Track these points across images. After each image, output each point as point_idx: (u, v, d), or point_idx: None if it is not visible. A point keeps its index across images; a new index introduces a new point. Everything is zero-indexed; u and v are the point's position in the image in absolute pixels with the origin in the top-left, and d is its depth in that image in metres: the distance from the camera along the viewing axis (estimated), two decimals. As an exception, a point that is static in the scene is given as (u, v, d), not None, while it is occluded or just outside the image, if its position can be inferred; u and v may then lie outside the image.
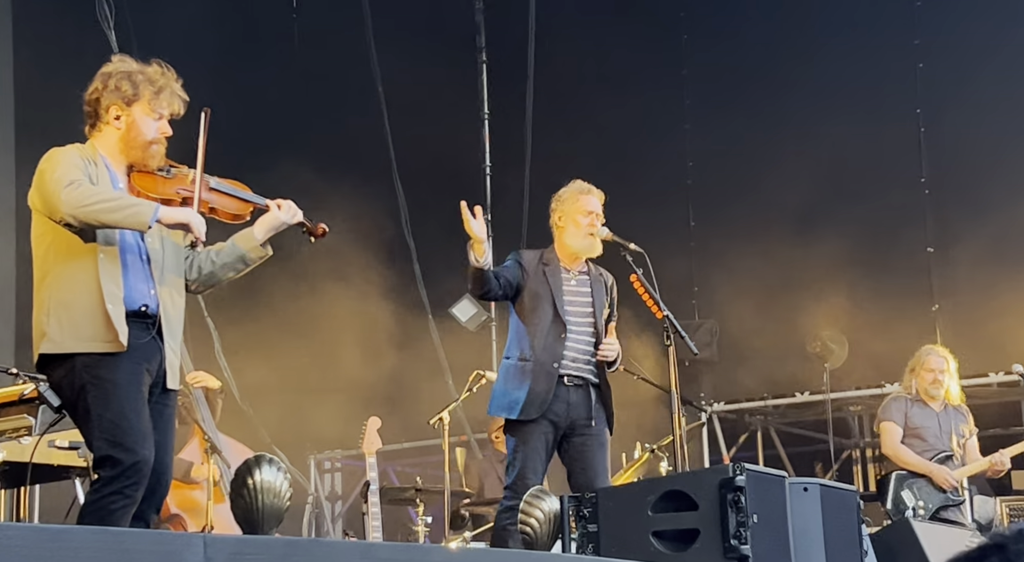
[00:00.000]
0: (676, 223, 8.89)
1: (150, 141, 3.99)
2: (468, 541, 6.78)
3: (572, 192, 5.54)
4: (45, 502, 5.55)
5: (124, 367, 3.81)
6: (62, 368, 3.83)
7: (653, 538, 4.36)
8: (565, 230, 5.50)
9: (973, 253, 8.03)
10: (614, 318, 5.56)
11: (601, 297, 5.49)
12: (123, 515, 3.72)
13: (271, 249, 4.18)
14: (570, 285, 5.48)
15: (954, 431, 6.81)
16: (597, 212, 5.50)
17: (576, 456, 5.36)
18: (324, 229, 4.22)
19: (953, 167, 8.21)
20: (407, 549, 3.98)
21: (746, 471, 4.27)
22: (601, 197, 5.56)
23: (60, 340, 3.81)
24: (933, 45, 8.41)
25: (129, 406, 3.78)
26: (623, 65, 9.09)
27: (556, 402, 5.33)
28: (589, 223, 5.46)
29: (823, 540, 4.51)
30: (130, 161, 4.01)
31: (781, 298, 8.34)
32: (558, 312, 5.38)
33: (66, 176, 3.79)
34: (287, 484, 3.64)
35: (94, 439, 3.78)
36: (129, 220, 3.77)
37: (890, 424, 6.88)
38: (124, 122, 3.97)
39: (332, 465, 10.35)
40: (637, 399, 7.44)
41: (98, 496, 3.72)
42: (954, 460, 6.74)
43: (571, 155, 9.03)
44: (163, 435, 3.92)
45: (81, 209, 3.74)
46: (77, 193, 3.75)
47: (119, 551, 2.62)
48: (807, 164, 8.41)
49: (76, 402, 3.82)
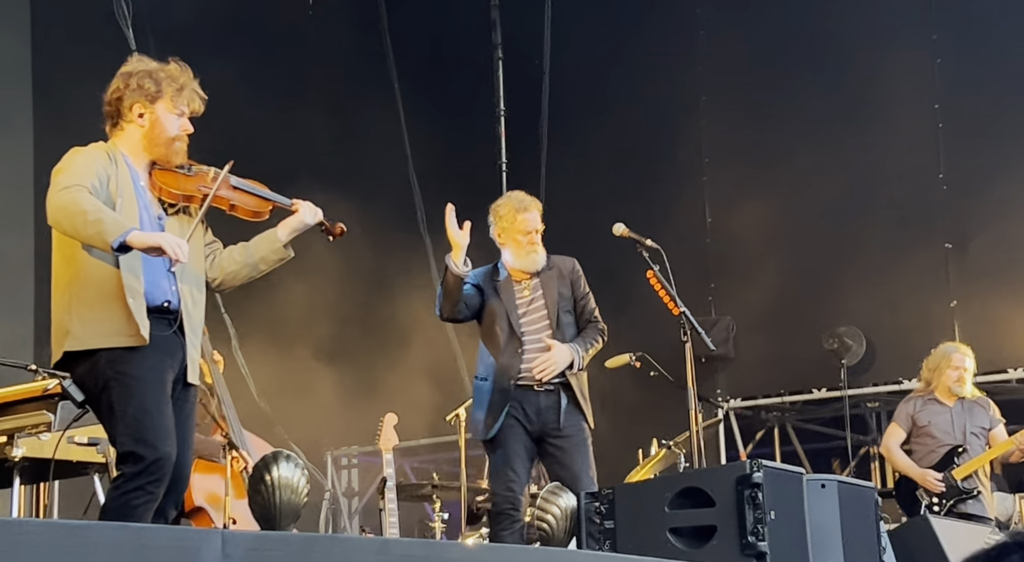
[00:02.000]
0: (693, 219, 8.87)
1: (173, 138, 4.02)
2: (485, 537, 6.78)
3: (509, 209, 5.45)
4: (64, 498, 5.58)
5: (147, 363, 3.83)
6: (86, 364, 3.85)
7: (670, 535, 4.36)
8: (506, 248, 5.47)
9: (991, 249, 8.00)
10: (588, 300, 5.46)
11: (553, 294, 5.40)
12: (145, 511, 3.74)
13: (292, 251, 4.20)
14: (523, 296, 5.44)
15: (969, 424, 6.78)
16: (537, 228, 5.43)
17: (553, 460, 5.36)
18: (343, 228, 4.27)
19: (971, 163, 8.17)
20: (424, 545, 3.98)
21: (763, 468, 4.26)
22: (540, 209, 5.47)
23: (83, 337, 3.83)
24: (950, 41, 8.37)
25: (152, 402, 3.80)
26: (639, 61, 9.07)
27: (526, 406, 5.32)
28: (529, 241, 5.40)
29: (841, 537, 4.50)
30: (153, 158, 4.04)
31: (798, 294, 8.32)
32: (514, 329, 5.37)
33: (69, 179, 3.81)
34: (304, 480, 3.66)
35: (118, 435, 3.80)
36: (95, 238, 3.71)
37: (892, 426, 6.98)
38: (148, 120, 4.00)
39: (349, 461, 10.37)
40: (654, 395, 7.43)
41: (120, 492, 3.74)
42: (968, 453, 6.71)
43: (587, 151, 9.03)
44: (183, 431, 3.94)
45: (60, 211, 3.75)
46: (68, 196, 3.75)
47: (137, 546, 2.63)
48: (823, 161, 8.38)
49: (99, 398, 3.83)
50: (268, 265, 4.21)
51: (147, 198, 4.00)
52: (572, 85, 9.34)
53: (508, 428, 5.30)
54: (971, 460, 6.68)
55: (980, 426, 6.80)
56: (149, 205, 4.00)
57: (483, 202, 5.69)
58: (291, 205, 4.22)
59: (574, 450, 5.30)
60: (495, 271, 5.49)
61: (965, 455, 6.69)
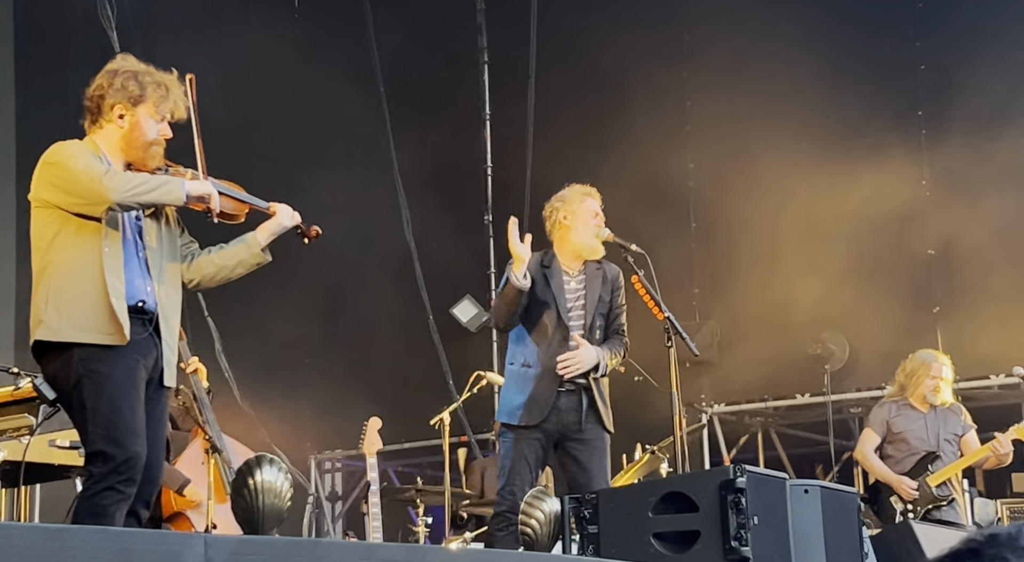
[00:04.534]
0: (677, 224, 8.88)
1: (151, 142, 4.01)
2: (468, 542, 6.78)
3: (577, 193, 5.53)
4: (46, 501, 5.56)
5: (121, 362, 3.81)
6: (59, 360, 3.83)
7: (654, 539, 4.36)
8: (572, 229, 5.47)
9: (973, 255, 8.03)
10: (621, 309, 5.53)
11: (595, 295, 5.45)
12: (117, 511, 3.73)
13: (270, 255, 4.19)
14: (570, 287, 5.46)
15: (943, 430, 6.79)
16: (602, 214, 5.52)
17: (571, 461, 5.37)
18: (318, 231, 4.27)
19: (954, 169, 8.20)
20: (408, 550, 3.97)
21: (747, 473, 4.27)
22: (600, 201, 5.57)
23: (57, 327, 3.81)
24: (935, 47, 8.40)
25: (124, 401, 3.78)
26: (624, 65, 9.08)
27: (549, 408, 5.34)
28: (596, 224, 5.47)
29: (824, 542, 4.51)
30: (129, 160, 4.02)
31: (782, 299, 8.33)
32: (561, 317, 5.38)
33: (94, 166, 3.85)
34: (288, 484, 3.64)
35: (88, 433, 3.78)
36: (166, 196, 3.91)
37: (867, 430, 6.98)
38: (128, 122, 3.99)
39: (332, 465, 10.35)
40: (637, 400, 7.43)
41: (92, 492, 3.73)
42: (943, 460, 6.73)
43: (572, 155, 9.02)
44: (155, 431, 3.93)
45: (126, 193, 3.82)
46: (118, 179, 3.84)
47: (119, 551, 2.62)
48: (808, 166, 8.40)
49: (71, 395, 3.82)
50: (246, 268, 4.21)
51: None
52: (557, 89, 9.34)
53: (528, 439, 5.30)
54: (945, 467, 6.70)
55: (953, 433, 6.81)
56: None
57: (468, 205, 5.68)
58: (268, 208, 4.21)
59: (594, 453, 5.34)
60: (546, 257, 5.49)
61: (939, 462, 6.71)
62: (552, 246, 5.56)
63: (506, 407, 5.39)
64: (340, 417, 9.07)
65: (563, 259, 5.50)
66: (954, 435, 6.80)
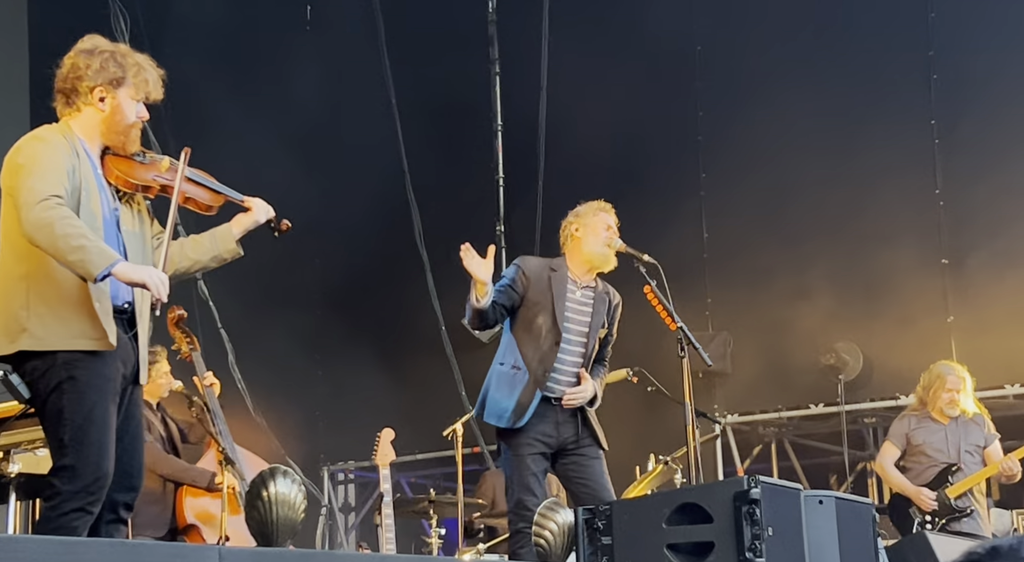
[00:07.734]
0: (690, 234, 8.87)
1: (131, 125, 3.87)
2: (481, 553, 6.77)
3: (592, 207, 5.55)
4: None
5: (105, 371, 3.70)
6: (41, 362, 3.69)
7: (667, 551, 4.34)
8: (583, 239, 5.47)
9: (987, 264, 8.00)
10: (612, 338, 5.55)
11: (600, 317, 5.46)
12: (84, 529, 3.61)
13: (242, 249, 4.10)
14: (574, 296, 5.44)
15: (963, 442, 6.77)
16: (615, 229, 5.51)
17: (573, 474, 5.37)
18: (287, 225, 4.18)
19: (968, 179, 8.18)
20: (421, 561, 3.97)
21: (761, 483, 4.25)
22: (614, 216, 5.57)
23: (44, 337, 3.67)
24: (948, 56, 8.39)
25: (100, 415, 3.66)
26: (635, 76, 9.08)
27: (544, 423, 5.33)
28: (608, 236, 5.47)
29: (838, 553, 4.49)
30: (108, 144, 3.88)
31: (795, 310, 8.31)
32: (556, 320, 5.36)
33: (46, 188, 3.63)
34: (301, 496, 3.64)
35: (60, 442, 3.64)
36: (76, 265, 3.59)
37: (887, 443, 6.97)
38: (109, 105, 3.84)
39: (346, 477, 10.35)
40: (650, 411, 7.42)
41: (60, 512, 3.58)
42: (964, 471, 6.70)
43: (584, 166, 9.03)
44: (134, 427, 3.85)
45: (39, 230, 3.58)
46: (49, 215, 3.59)
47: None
48: (821, 176, 8.39)
49: (47, 399, 3.68)
50: (219, 263, 4.10)
51: (107, 190, 3.85)
52: (570, 99, 9.34)
53: (527, 445, 5.31)
54: (965, 479, 6.67)
55: (975, 444, 6.78)
56: (109, 198, 3.85)
57: (480, 215, 5.69)
58: (242, 201, 4.11)
59: (594, 463, 5.35)
60: (554, 262, 5.50)
61: (959, 474, 6.69)
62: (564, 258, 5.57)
63: (494, 409, 5.38)
64: (353, 429, 9.07)
65: (573, 269, 5.50)
66: (976, 446, 6.77)
